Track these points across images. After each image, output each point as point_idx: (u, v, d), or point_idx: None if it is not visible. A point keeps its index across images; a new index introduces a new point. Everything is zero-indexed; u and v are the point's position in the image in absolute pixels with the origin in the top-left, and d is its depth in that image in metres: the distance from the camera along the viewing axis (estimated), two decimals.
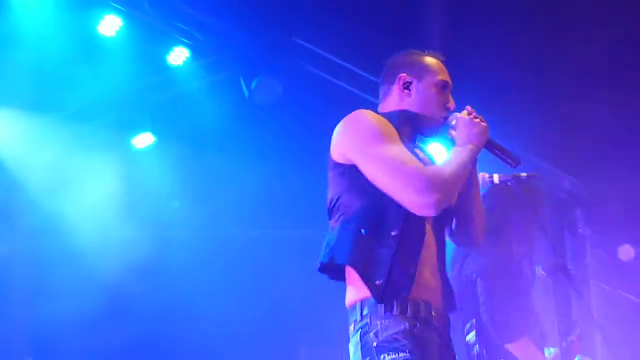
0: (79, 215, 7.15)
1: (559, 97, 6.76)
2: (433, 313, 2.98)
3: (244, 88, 6.98)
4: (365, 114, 3.06)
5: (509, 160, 3.12)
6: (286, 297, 7.54)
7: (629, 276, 6.07)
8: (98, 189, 7.22)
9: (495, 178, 4.12)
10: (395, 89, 3.17)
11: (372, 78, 7.04)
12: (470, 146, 3.05)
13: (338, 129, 3.08)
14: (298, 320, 7.70)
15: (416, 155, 3.02)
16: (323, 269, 2.92)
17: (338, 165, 3.03)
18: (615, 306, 5.96)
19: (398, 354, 2.80)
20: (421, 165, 3.01)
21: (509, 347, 4.26)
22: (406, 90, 3.14)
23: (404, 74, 3.12)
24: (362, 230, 2.93)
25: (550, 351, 4.95)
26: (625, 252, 5.64)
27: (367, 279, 2.82)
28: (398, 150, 2.95)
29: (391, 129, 3.07)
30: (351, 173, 2.98)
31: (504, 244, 4.11)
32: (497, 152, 3.11)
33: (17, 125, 7.14)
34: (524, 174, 4.20)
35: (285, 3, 6.76)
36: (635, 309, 5.72)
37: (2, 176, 7.19)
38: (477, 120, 3.09)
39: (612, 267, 6.15)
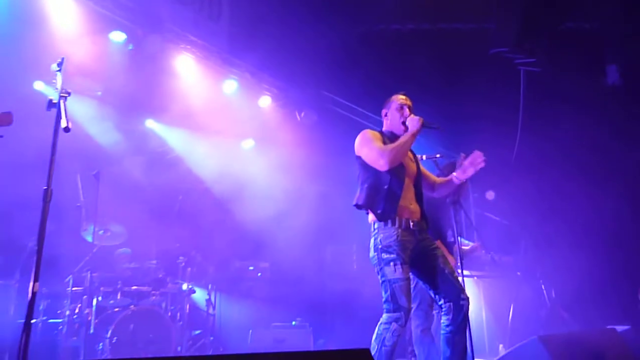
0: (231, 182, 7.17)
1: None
2: (411, 224, 3.33)
3: (298, 116, 7.56)
4: (367, 131, 3.49)
5: (435, 127, 3.44)
6: (325, 220, 7.12)
7: (492, 206, 6.23)
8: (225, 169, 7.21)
9: (424, 157, 4.21)
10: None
11: (366, 112, 7.38)
12: (410, 133, 3.35)
13: (357, 139, 3.46)
14: (327, 229, 7.27)
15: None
16: (356, 206, 3.44)
17: (358, 157, 3.46)
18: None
19: (390, 254, 3.22)
20: (381, 146, 3.35)
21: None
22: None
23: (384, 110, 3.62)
24: (370, 188, 3.36)
25: (465, 242, 5.32)
26: (490, 195, 5.68)
27: (374, 211, 3.35)
28: (375, 144, 3.37)
29: (377, 136, 3.44)
30: (363, 160, 3.41)
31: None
32: (428, 127, 3.42)
33: (193, 140, 7.40)
34: (438, 155, 4.43)
35: (320, 74, 6.92)
36: (494, 223, 6.24)
37: (189, 170, 7.40)
38: (413, 117, 3.44)
39: (482, 202, 6.15)
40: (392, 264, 3.19)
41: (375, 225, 3.32)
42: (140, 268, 5.79)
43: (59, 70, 2.94)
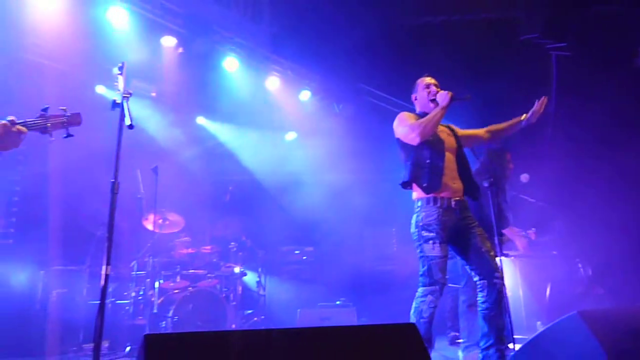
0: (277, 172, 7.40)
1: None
2: (453, 203, 3.29)
3: (336, 108, 7.57)
4: (403, 113, 3.46)
5: (466, 98, 3.31)
6: (367, 205, 7.00)
7: (527, 189, 5.88)
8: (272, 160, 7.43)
9: None
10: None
11: (400, 102, 7.16)
12: (439, 107, 3.29)
13: (394, 122, 3.41)
14: (368, 214, 7.19)
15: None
16: (403, 184, 3.39)
17: (397, 138, 3.41)
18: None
19: (430, 232, 3.21)
20: (413, 122, 3.32)
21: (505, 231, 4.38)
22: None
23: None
24: (414, 165, 3.32)
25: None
26: (524, 177, 5.45)
27: (419, 185, 3.31)
28: (409, 121, 3.35)
29: (411, 116, 3.40)
30: (402, 140, 3.38)
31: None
32: (457, 99, 3.32)
33: (240, 134, 7.48)
34: None
35: (355, 68, 6.85)
36: (530, 205, 5.97)
37: (238, 162, 7.45)
38: (442, 92, 3.37)
39: (519, 185, 5.87)
40: (431, 242, 3.17)
41: (419, 203, 3.29)
42: (197, 253, 5.91)
43: (121, 74, 2.98)
